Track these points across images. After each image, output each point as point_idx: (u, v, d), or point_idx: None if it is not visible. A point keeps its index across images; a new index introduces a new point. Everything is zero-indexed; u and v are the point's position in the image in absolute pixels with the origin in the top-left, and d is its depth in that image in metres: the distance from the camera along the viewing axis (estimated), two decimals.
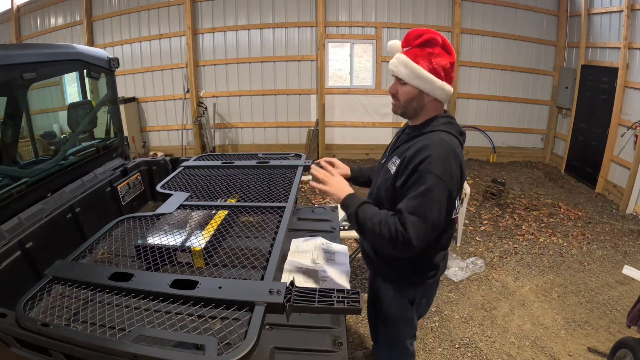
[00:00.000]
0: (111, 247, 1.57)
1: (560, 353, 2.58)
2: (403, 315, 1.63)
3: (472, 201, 5.01)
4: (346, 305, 1.12)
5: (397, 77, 1.40)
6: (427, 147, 1.31)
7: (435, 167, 1.28)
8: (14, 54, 1.78)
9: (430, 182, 1.28)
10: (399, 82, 1.41)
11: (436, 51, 1.35)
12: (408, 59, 1.36)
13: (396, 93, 1.44)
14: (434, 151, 1.30)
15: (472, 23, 6.38)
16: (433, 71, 1.35)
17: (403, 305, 1.61)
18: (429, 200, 1.28)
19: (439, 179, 1.28)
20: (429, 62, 1.35)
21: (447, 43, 1.38)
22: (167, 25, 6.72)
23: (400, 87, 1.42)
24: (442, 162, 1.29)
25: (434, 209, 1.28)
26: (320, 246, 1.80)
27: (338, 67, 6.92)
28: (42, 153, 2.38)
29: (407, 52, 1.38)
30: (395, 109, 1.49)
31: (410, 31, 1.40)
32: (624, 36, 4.88)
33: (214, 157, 2.65)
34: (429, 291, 1.66)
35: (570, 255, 3.83)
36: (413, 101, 1.41)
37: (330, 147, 7.00)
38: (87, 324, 1.12)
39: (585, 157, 5.86)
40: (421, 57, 1.35)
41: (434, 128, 1.40)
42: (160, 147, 7.31)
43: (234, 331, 1.03)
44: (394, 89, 1.44)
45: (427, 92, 1.38)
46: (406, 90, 1.40)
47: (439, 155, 1.29)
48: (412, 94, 1.40)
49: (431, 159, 1.29)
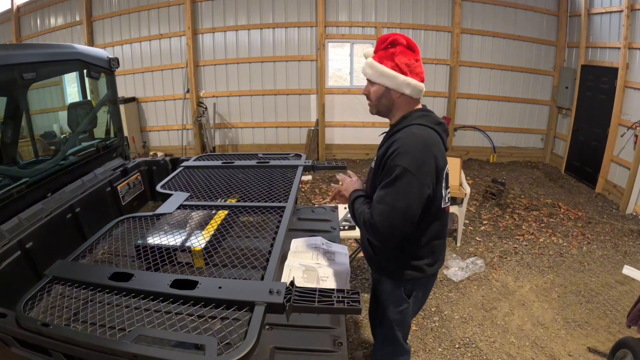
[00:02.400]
0: (111, 247, 1.57)
1: (560, 353, 2.58)
2: (398, 308, 1.66)
3: (472, 201, 5.01)
4: (346, 305, 1.12)
5: (367, 78, 1.53)
6: (396, 142, 1.41)
7: (401, 159, 1.36)
8: (14, 54, 1.78)
9: (396, 173, 1.36)
10: (370, 83, 1.53)
11: (398, 50, 1.46)
12: (373, 61, 1.50)
13: (368, 93, 1.55)
14: (401, 144, 1.39)
15: (472, 23, 6.38)
16: (396, 68, 1.46)
17: (399, 299, 1.65)
18: (396, 190, 1.36)
19: (404, 170, 1.35)
20: (392, 60, 1.46)
21: (411, 43, 1.49)
22: (167, 25, 6.71)
23: (370, 88, 1.53)
24: (409, 154, 1.36)
25: (400, 198, 1.36)
26: (320, 246, 1.80)
27: (338, 67, 6.92)
28: (42, 153, 2.38)
29: (375, 57, 1.51)
30: (370, 110, 1.60)
31: (379, 38, 1.54)
32: (624, 36, 4.88)
33: (214, 157, 2.66)
34: (426, 284, 1.70)
35: (570, 255, 3.83)
36: (382, 98, 1.52)
37: (330, 147, 7.00)
38: (87, 324, 1.12)
39: (585, 157, 5.86)
40: (385, 57, 1.48)
41: (407, 123, 1.48)
42: (160, 147, 7.31)
43: (234, 331, 1.03)
44: (367, 90, 1.56)
45: (392, 88, 1.48)
46: (374, 90, 1.52)
47: (406, 147, 1.37)
48: (380, 91, 1.51)
49: (398, 151, 1.38)
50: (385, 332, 1.77)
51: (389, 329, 1.73)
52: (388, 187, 1.38)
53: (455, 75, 6.47)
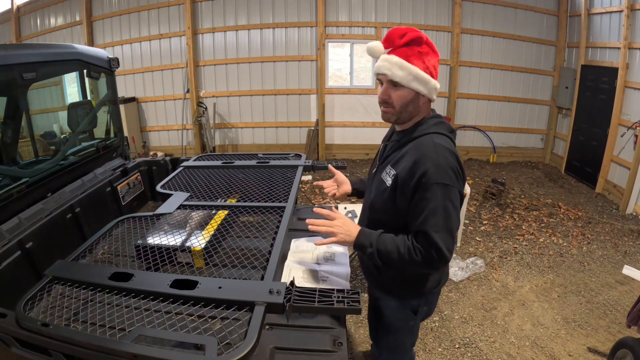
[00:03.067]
0: (111, 247, 1.57)
1: (560, 353, 2.58)
2: (405, 325, 1.60)
3: (472, 201, 5.01)
4: (346, 305, 1.12)
5: (392, 80, 1.28)
6: (423, 159, 1.24)
7: (438, 176, 1.21)
8: (14, 54, 1.78)
9: (439, 194, 1.22)
10: (392, 86, 1.29)
11: (424, 50, 1.27)
12: (403, 60, 1.25)
13: (388, 99, 1.31)
14: (431, 161, 1.23)
15: (472, 23, 6.38)
16: (427, 70, 1.27)
17: (406, 317, 1.57)
18: (446, 212, 1.23)
19: (445, 186, 1.22)
20: (422, 61, 1.26)
21: (430, 41, 1.30)
22: (167, 25, 6.71)
23: (393, 92, 1.30)
24: (442, 168, 1.22)
25: (452, 217, 1.24)
26: (320, 246, 1.80)
27: (338, 67, 6.92)
28: (42, 153, 2.38)
29: (396, 53, 1.27)
30: (388, 117, 1.36)
31: (391, 30, 1.29)
32: (624, 36, 4.88)
33: (214, 157, 2.66)
34: (432, 300, 1.62)
35: (570, 255, 3.83)
36: (409, 105, 1.31)
37: (330, 147, 7.00)
38: (87, 324, 1.13)
39: (585, 157, 5.86)
40: (413, 56, 1.26)
41: (424, 131, 1.31)
42: (160, 147, 7.31)
43: (234, 331, 1.03)
44: (386, 94, 1.31)
45: (423, 93, 1.29)
46: (401, 95, 1.29)
47: (437, 162, 1.22)
48: (409, 97, 1.29)
49: (431, 170, 1.22)
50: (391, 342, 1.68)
51: (394, 339, 1.66)
52: (439, 211, 1.22)
53: (455, 75, 6.47)
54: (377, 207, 1.43)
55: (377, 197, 1.42)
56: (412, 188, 1.25)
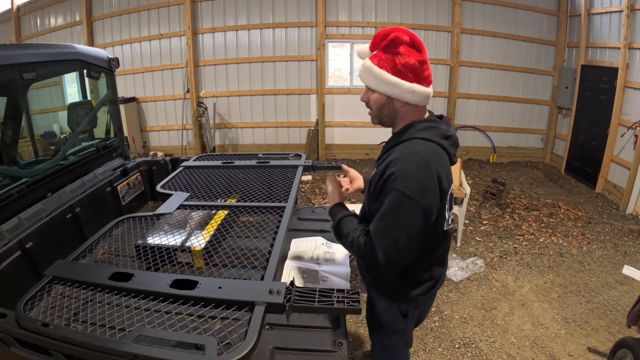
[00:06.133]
0: (111, 247, 1.57)
1: (560, 353, 2.58)
2: (396, 327, 1.56)
3: (472, 201, 5.01)
4: (346, 305, 1.12)
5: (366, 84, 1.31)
6: (395, 162, 1.22)
7: (401, 183, 1.18)
8: (14, 54, 1.78)
9: (395, 201, 1.18)
10: (369, 89, 1.31)
11: (401, 51, 1.23)
12: (372, 65, 1.26)
13: (368, 101, 1.34)
14: (401, 165, 1.20)
15: (472, 23, 6.37)
16: (399, 74, 1.23)
17: (396, 319, 1.53)
18: (396, 221, 1.19)
19: (404, 196, 1.17)
20: (393, 64, 1.24)
21: (416, 40, 1.25)
22: (167, 25, 6.71)
23: (370, 95, 1.32)
24: (409, 177, 1.18)
25: (401, 229, 1.18)
26: (320, 246, 1.80)
27: (338, 67, 6.92)
28: (42, 153, 2.38)
29: (372, 57, 1.28)
30: (372, 119, 1.39)
31: (379, 32, 1.28)
32: (624, 36, 4.88)
33: (214, 157, 2.66)
34: (423, 305, 1.57)
35: (570, 255, 3.83)
36: (384, 108, 1.31)
37: (330, 147, 7.00)
38: (87, 324, 1.13)
39: (585, 157, 5.86)
40: (385, 60, 1.25)
41: (410, 135, 1.28)
42: (160, 147, 7.31)
43: (234, 331, 1.03)
44: (365, 97, 1.34)
45: (395, 97, 1.27)
46: (375, 98, 1.30)
47: (406, 170, 1.19)
48: (381, 100, 1.30)
49: (397, 174, 1.19)
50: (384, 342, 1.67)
51: (388, 339, 1.64)
52: (388, 217, 1.20)
53: (455, 75, 6.47)
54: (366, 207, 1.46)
55: (366, 198, 1.46)
56: (380, 186, 1.27)
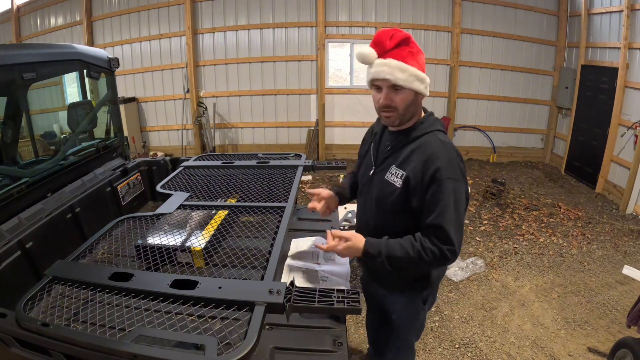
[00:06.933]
0: (111, 247, 1.57)
1: (560, 353, 2.58)
2: (415, 318, 1.59)
3: (472, 201, 5.01)
4: (346, 305, 1.12)
5: (394, 84, 1.27)
6: (433, 157, 1.28)
7: (449, 171, 1.27)
8: (14, 54, 1.78)
9: (450, 189, 1.26)
10: (393, 90, 1.29)
11: (414, 49, 1.30)
12: (401, 62, 1.26)
13: (392, 103, 1.30)
14: (442, 157, 1.28)
15: (472, 23, 6.37)
16: (421, 68, 1.30)
17: (415, 310, 1.56)
18: (457, 206, 1.27)
19: (455, 182, 1.27)
20: (416, 60, 1.29)
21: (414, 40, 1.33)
22: (167, 25, 6.71)
23: (395, 95, 1.29)
24: (453, 164, 1.28)
25: (461, 211, 1.29)
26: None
27: (338, 67, 6.92)
28: (42, 153, 2.38)
29: (392, 56, 1.27)
30: (391, 121, 1.35)
31: (379, 33, 1.29)
32: (624, 36, 4.88)
33: (214, 157, 2.66)
34: (436, 288, 1.64)
35: (570, 255, 3.83)
36: (411, 106, 1.32)
37: (330, 147, 7.00)
38: (87, 324, 1.13)
39: (585, 157, 5.86)
40: (407, 57, 1.27)
41: (427, 129, 1.35)
42: (160, 147, 7.31)
43: (234, 331, 1.03)
44: (389, 98, 1.30)
45: (421, 92, 1.31)
46: (403, 97, 1.30)
47: (447, 158, 1.28)
48: (410, 98, 1.30)
49: (443, 166, 1.26)
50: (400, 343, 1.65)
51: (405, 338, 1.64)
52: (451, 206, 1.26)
53: (455, 75, 6.47)
54: (385, 208, 1.41)
55: (384, 199, 1.40)
56: (426, 185, 1.28)
